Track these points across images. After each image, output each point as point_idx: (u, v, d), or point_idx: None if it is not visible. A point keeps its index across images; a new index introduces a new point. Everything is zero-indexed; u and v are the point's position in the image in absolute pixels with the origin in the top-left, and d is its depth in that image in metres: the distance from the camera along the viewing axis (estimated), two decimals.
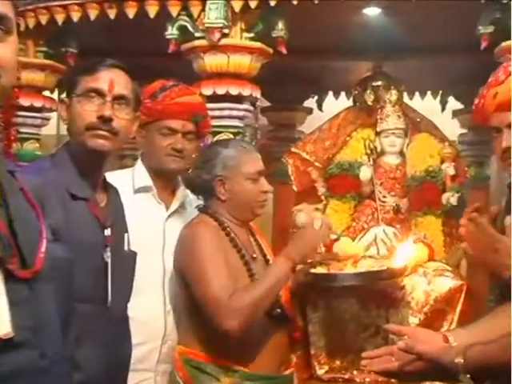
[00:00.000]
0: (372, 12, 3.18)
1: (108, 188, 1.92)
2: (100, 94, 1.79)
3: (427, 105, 4.04)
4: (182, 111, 2.36)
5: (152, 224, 2.34)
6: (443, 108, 4.20)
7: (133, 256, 1.94)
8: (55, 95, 3.60)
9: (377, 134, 2.95)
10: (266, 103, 4.24)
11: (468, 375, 1.49)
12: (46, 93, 3.51)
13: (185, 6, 2.98)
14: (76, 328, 1.66)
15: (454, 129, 4.13)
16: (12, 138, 3.22)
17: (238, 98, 3.00)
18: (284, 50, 3.01)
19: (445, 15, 2.97)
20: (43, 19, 3.16)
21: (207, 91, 2.93)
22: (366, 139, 2.95)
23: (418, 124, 3.07)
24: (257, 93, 3.06)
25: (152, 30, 2.99)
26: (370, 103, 3.06)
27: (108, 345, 1.77)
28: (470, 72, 3.37)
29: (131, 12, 3.00)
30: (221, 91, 2.96)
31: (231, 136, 2.96)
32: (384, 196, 2.90)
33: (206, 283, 2.09)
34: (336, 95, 4.30)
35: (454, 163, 2.93)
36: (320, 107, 4.35)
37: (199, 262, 2.12)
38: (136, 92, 1.86)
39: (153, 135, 2.37)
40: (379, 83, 3.06)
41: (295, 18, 2.97)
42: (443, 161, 2.93)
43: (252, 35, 2.99)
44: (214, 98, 2.95)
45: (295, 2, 2.88)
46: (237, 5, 2.92)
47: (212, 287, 2.08)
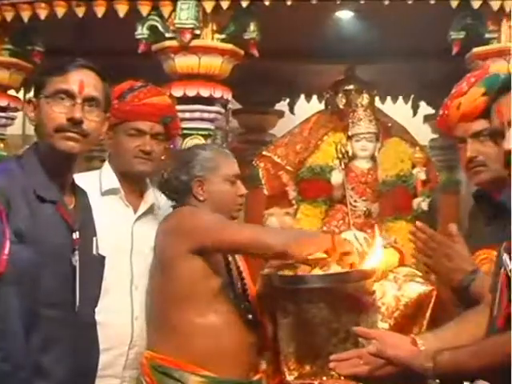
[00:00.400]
0: (344, 15, 3.19)
1: (76, 190, 1.88)
2: (70, 96, 1.75)
3: (399, 109, 4.05)
4: (151, 112, 2.34)
5: (119, 227, 2.31)
6: (415, 113, 4.23)
7: (101, 260, 1.91)
8: (21, 94, 3.54)
9: (348, 138, 2.96)
10: (237, 106, 4.23)
11: (437, 380, 1.51)
12: (12, 92, 3.45)
13: (155, 6, 2.97)
14: (42, 333, 1.64)
15: (425, 134, 4.15)
16: None
17: (209, 100, 2.99)
18: (256, 52, 3.01)
19: (417, 20, 2.99)
20: (8, 16, 3.11)
21: (178, 92, 2.92)
22: (338, 143, 2.95)
23: (390, 128, 3.08)
24: (228, 95, 3.05)
25: (122, 30, 2.96)
26: (342, 107, 3.07)
27: (75, 350, 1.74)
28: (442, 77, 3.40)
29: (100, 11, 2.97)
30: (191, 93, 2.95)
31: (202, 138, 2.95)
32: (355, 200, 2.90)
33: (237, 228, 2.20)
34: (308, 98, 4.30)
35: (425, 168, 2.94)
36: (292, 110, 4.35)
37: (218, 222, 2.17)
38: (106, 93, 1.83)
39: (120, 137, 2.34)
40: (351, 87, 3.07)
41: (267, 20, 2.97)
42: (414, 165, 2.95)
43: (223, 36, 2.99)
44: (185, 100, 2.94)
45: (267, 3, 2.87)
46: (208, 5, 2.91)
47: (245, 226, 2.29)
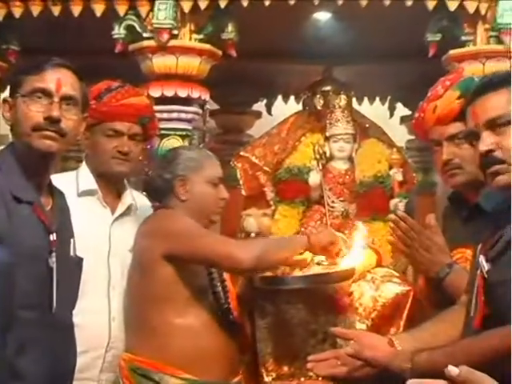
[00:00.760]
0: (322, 17, 3.20)
1: (54, 191, 1.87)
2: (47, 95, 1.74)
3: (375, 110, 4.07)
4: (128, 113, 2.33)
5: (97, 228, 2.30)
6: (391, 114, 4.25)
7: (79, 261, 1.89)
8: None
9: (326, 139, 2.96)
10: (215, 106, 4.21)
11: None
12: None
13: (132, 6, 2.95)
14: (18, 335, 1.62)
15: (402, 135, 4.17)
16: None
17: (187, 101, 2.99)
18: (234, 53, 3.01)
19: (394, 22, 3.00)
20: None
21: (155, 93, 2.91)
22: (315, 144, 2.96)
23: (367, 129, 3.09)
24: (206, 95, 3.05)
25: (99, 29, 2.94)
26: (320, 108, 3.07)
27: (52, 353, 1.73)
28: (418, 79, 3.41)
29: (76, 10, 2.95)
30: (169, 93, 2.94)
31: (179, 139, 2.94)
32: (333, 201, 2.90)
33: (210, 241, 2.15)
34: (285, 99, 4.30)
35: (402, 169, 2.96)
36: (269, 111, 4.34)
37: (192, 232, 2.16)
38: (84, 92, 1.82)
39: (98, 137, 2.33)
40: (329, 88, 3.07)
41: (245, 21, 2.96)
42: (391, 167, 2.96)
43: (201, 37, 2.98)
44: (163, 100, 2.92)
45: (245, 4, 2.87)
46: (186, 5, 2.90)
47: (218, 240, 2.16)
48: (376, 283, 2.63)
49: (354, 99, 3.42)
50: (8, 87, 1.91)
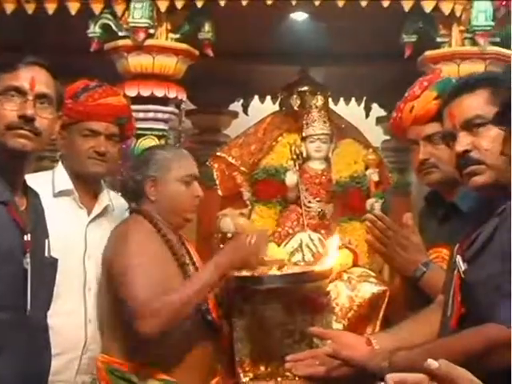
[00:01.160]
0: (299, 17, 3.20)
1: (28, 191, 1.85)
2: (21, 93, 1.72)
3: (351, 111, 4.08)
4: (106, 113, 2.32)
5: (73, 229, 2.28)
6: (367, 114, 4.27)
7: (53, 262, 1.88)
8: None
9: (303, 140, 2.95)
10: (191, 106, 4.20)
11: None
12: None
13: (108, 4, 2.93)
14: None
15: (378, 135, 4.20)
16: None
17: (163, 100, 2.98)
18: (210, 53, 3.01)
19: (370, 23, 3.02)
20: None
21: (131, 92, 2.90)
22: (292, 144, 2.94)
23: (343, 130, 3.09)
24: (182, 95, 3.04)
25: (75, 27, 2.91)
26: (296, 108, 3.05)
27: (26, 355, 1.71)
28: (394, 80, 3.43)
29: (51, 8, 2.92)
30: (145, 93, 2.93)
31: (155, 139, 2.93)
32: (309, 201, 2.90)
33: (131, 281, 2.06)
34: (262, 99, 4.31)
35: (378, 169, 2.96)
36: (245, 111, 4.34)
37: (128, 258, 2.09)
38: (59, 91, 1.80)
39: (74, 137, 2.31)
40: (305, 88, 3.06)
41: (222, 21, 2.96)
42: (367, 167, 2.96)
43: (178, 36, 2.97)
44: (139, 100, 2.91)
45: (222, 3, 2.86)
46: (162, 5, 2.89)
47: (136, 285, 2.05)
48: (352, 283, 2.63)
49: (330, 100, 3.43)
50: None
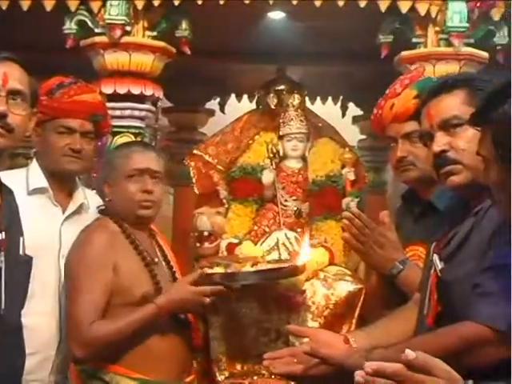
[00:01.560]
0: (276, 16, 3.21)
1: (2, 188, 1.82)
2: None
3: (328, 110, 4.10)
4: (81, 110, 2.31)
5: (47, 227, 2.26)
6: (343, 114, 4.29)
7: (28, 261, 1.85)
8: None
9: (279, 138, 2.96)
10: (168, 103, 4.19)
11: None
12: None
13: (84, 1, 2.91)
14: None
15: (354, 134, 4.22)
16: None
17: (140, 98, 2.97)
18: (188, 51, 3.00)
19: (347, 23, 3.03)
20: None
21: (108, 90, 2.89)
22: (269, 143, 2.95)
23: (320, 129, 3.11)
24: (159, 93, 3.04)
25: (50, 23, 2.89)
26: (273, 107, 3.06)
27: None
28: (370, 79, 3.47)
29: (25, 4, 2.90)
30: (122, 90, 2.92)
31: (131, 136, 2.92)
32: (286, 200, 2.91)
33: (76, 300, 2.11)
34: (238, 98, 4.31)
35: (354, 168, 2.98)
36: (222, 109, 4.34)
37: (76, 276, 2.13)
38: (33, 87, 1.78)
39: (49, 134, 2.29)
40: (282, 87, 3.07)
41: (199, 19, 2.95)
42: (344, 166, 2.98)
43: (155, 34, 2.97)
44: (115, 97, 2.89)
45: (200, 2, 2.86)
46: (139, 2, 2.88)
47: (79, 307, 2.09)
48: (329, 281, 2.65)
49: (307, 99, 3.44)
50: None
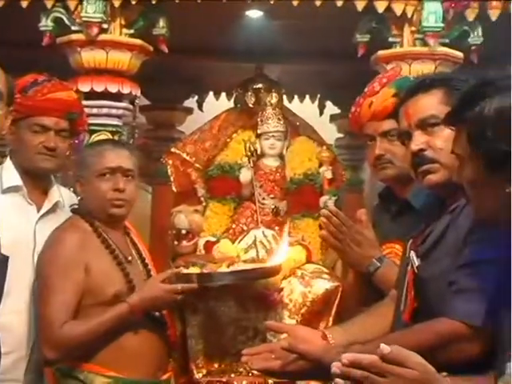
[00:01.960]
0: (254, 14, 3.22)
1: None
2: None
3: (306, 108, 4.12)
4: (55, 108, 2.30)
5: (22, 226, 2.25)
6: (321, 112, 4.31)
7: (4, 260, 1.83)
8: None
9: (257, 137, 2.98)
10: (146, 101, 4.18)
11: None
12: None
13: None
14: None
15: (331, 133, 4.24)
16: None
17: (117, 96, 2.96)
18: (165, 49, 3.00)
19: (324, 22, 3.05)
20: None
21: (85, 88, 2.88)
22: (247, 141, 2.98)
23: (298, 127, 3.13)
24: (136, 91, 3.03)
25: (26, 20, 2.87)
26: (251, 105, 3.08)
27: None
28: (348, 78, 3.49)
29: (0, 1, 2.87)
30: (99, 88, 2.90)
31: (109, 134, 2.91)
32: (263, 198, 2.93)
33: (47, 300, 2.11)
34: (216, 96, 4.31)
35: (332, 167, 3.01)
36: (200, 107, 4.34)
37: (48, 276, 2.13)
38: (9, 85, 1.76)
39: (23, 132, 2.28)
40: (260, 86, 3.09)
41: (177, 17, 2.95)
42: (321, 164, 3.01)
43: (132, 32, 2.96)
44: (92, 95, 2.89)
45: (177, 0, 2.86)
46: (116, 0, 2.86)
47: (50, 307, 2.09)
48: (306, 279, 2.67)
49: (285, 97, 3.45)
50: None
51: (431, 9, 2.84)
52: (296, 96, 4.26)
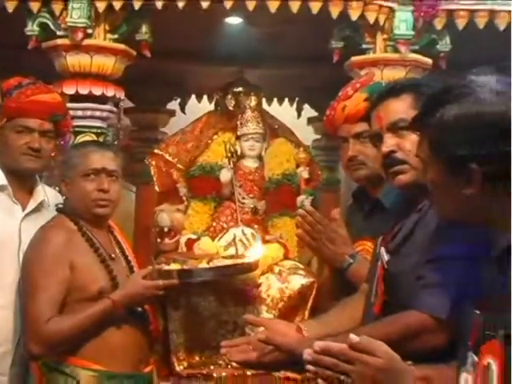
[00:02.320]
0: (234, 21, 3.27)
1: None
2: None
3: (284, 111, 4.17)
4: (39, 110, 2.32)
5: (7, 225, 2.28)
6: (299, 115, 4.37)
7: None
8: None
9: (237, 138, 3.00)
10: (130, 104, 4.22)
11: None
12: None
13: (46, 3, 2.92)
14: None
15: (309, 135, 4.31)
16: None
17: (102, 99, 2.97)
18: (148, 53, 3.03)
19: (301, 29, 3.10)
20: None
21: (70, 90, 2.89)
22: (227, 143, 2.98)
23: (276, 129, 3.16)
24: (120, 94, 3.05)
25: (12, 23, 2.90)
26: (231, 108, 3.09)
27: None
28: (324, 82, 3.55)
29: None
30: (84, 91, 2.92)
31: (93, 136, 2.94)
32: (243, 198, 2.96)
33: (33, 297, 2.12)
34: (199, 98, 4.33)
35: (309, 168, 3.04)
36: (183, 110, 4.38)
37: (33, 274, 2.15)
38: None
39: (8, 133, 2.31)
40: (240, 89, 3.10)
41: (159, 22, 2.99)
42: (298, 165, 3.04)
43: (116, 36, 2.98)
44: (77, 98, 2.91)
45: (159, 6, 2.91)
46: (101, 5, 2.90)
47: (36, 304, 2.12)
48: (283, 275, 2.72)
49: (264, 100, 3.51)
50: None
51: (402, 17, 2.90)
52: (275, 99, 4.29)
